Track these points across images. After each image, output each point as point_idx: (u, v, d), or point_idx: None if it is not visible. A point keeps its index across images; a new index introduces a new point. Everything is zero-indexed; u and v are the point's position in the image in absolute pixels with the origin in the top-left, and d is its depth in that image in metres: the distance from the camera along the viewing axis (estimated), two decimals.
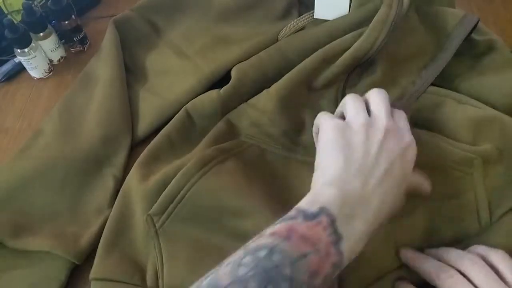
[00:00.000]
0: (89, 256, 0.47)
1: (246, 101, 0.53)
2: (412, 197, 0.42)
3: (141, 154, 0.51)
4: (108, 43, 0.62)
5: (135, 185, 0.48)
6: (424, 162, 0.43)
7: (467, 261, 0.36)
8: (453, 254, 0.38)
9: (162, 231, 0.45)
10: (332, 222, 0.31)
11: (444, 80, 0.53)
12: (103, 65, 0.61)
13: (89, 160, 0.52)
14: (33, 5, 0.59)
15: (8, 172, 0.51)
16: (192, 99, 0.55)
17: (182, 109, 0.54)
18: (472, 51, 0.56)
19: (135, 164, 0.50)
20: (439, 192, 0.43)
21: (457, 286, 0.35)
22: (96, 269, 0.44)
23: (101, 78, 0.59)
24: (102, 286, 0.43)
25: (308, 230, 0.30)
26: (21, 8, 0.60)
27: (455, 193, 0.44)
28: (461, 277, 0.36)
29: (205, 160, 0.46)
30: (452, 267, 0.37)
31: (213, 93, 0.53)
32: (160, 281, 0.43)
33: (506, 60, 0.54)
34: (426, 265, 0.38)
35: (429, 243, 0.42)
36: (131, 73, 0.62)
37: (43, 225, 0.48)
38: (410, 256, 0.40)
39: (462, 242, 0.42)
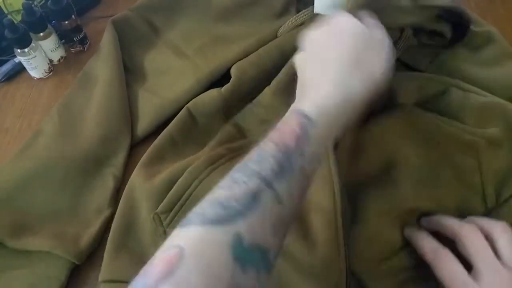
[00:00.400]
0: (89, 256, 0.47)
1: (247, 98, 0.53)
2: (417, 181, 0.43)
3: (144, 155, 0.51)
4: (106, 43, 0.62)
5: (140, 185, 0.48)
6: (431, 145, 0.44)
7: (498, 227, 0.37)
8: (485, 220, 0.39)
9: (170, 229, 0.45)
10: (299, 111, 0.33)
11: (444, 73, 0.53)
12: (102, 65, 0.61)
13: (88, 160, 0.52)
14: (33, 5, 0.59)
15: (8, 172, 0.51)
16: (191, 98, 0.55)
17: (183, 108, 0.54)
18: (470, 43, 0.56)
19: (139, 165, 0.50)
20: (445, 175, 0.44)
21: (477, 241, 0.36)
22: (105, 271, 0.44)
23: (100, 78, 0.59)
24: (111, 287, 0.43)
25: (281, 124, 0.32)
26: (21, 8, 0.60)
27: (461, 175, 0.44)
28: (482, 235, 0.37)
29: (213, 158, 0.47)
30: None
31: (214, 91, 0.53)
32: None
33: (505, 52, 0.55)
34: (447, 222, 0.40)
35: None
36: (130, 72, 0.62)
37: (43, 225, 0.48)
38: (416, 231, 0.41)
39: None
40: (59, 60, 0.66)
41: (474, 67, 0.54)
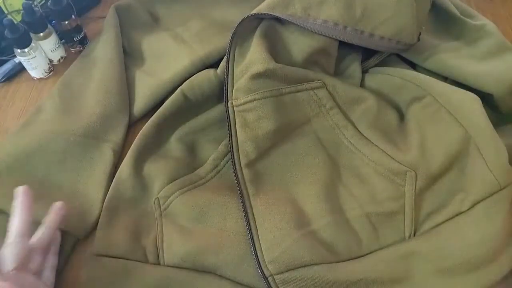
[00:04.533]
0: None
1: None
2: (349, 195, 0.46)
3: (133, 144, 0.52)
4: (108, 26, 0.64)
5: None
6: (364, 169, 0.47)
7: None
8: None
9: (166, 213, 0.46)
10: None
11: (440, 67, 0.54)
12: (103, 47, 0.62)
13: (88, 135, 0.53)
14: (33, 5, 0.59)
15: (10, 146, 0.52)
16: (185, 79, 0.56)
17: (177, 90, 0.55)
18: (467, 36, 0.57)
19: (131, 149, 0.51)
20: (377, 194, 0.46)
21: None
22: (99, 245, 0.45)
23: (100, 58, 0.61)
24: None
25: None
26: (21, 8, 0.60)
27: (390, 199, 0.45)
28: None
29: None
30: None
31: (210, 71, 0.55)
32: (161, 257, 0.44)
33: (500, 45, 0.55)
34: None
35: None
36: (129, 56, 0.63)
37: (45, 195, 0.48)
38: None
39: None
40: (59, 60, 0.66)
41: (470, 60, 0.55)
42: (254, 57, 0.49)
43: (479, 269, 0.40)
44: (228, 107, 0.49)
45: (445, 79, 0.55)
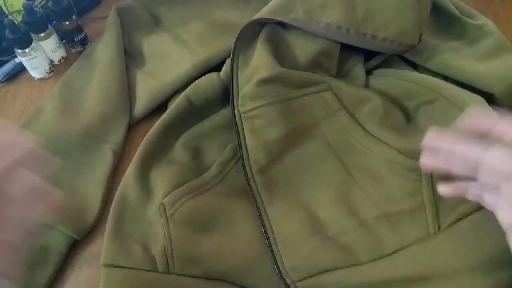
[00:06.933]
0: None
1: None
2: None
3: (140, 147, 0.51)
4: (109, 27, 0.64)
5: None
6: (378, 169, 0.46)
7: None
8: None
9: (173, 220, 0.45)
10: None
11: (441, 67, 0.54)
12: (104, 47, 0.62)
13: (88, 135, 0.53)
14: (33, 6, 0.59)
15: None
16: (187, 82, 0.56)
17: (181, 96, 0.54)
18: (467, 36, 0.57)
19: (137, 155, 0.50)
20: (394, 192, 0.44)
21: None
22: (106, 255, 0.44)
23: (101, 59, 0.61)
24: (111, 272, 0.43)
25: None
26: (22, 8, 0.60)
27: (407, 196, 0.44)
28: None
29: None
30: None
31: (213, 75, 0.54)
32: (170, 265, 0.43)
33: (501, 45, 0.56)
34: None
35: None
36: (129, 56, 0.63)
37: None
38: None
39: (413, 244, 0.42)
40: (60, 60, 0.66)
41: (471, 60, 0.55)
42: (260, 62, 0.49)
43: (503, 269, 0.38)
44: (235, 114, 0.49)
45: (446, 79, 0.55)
